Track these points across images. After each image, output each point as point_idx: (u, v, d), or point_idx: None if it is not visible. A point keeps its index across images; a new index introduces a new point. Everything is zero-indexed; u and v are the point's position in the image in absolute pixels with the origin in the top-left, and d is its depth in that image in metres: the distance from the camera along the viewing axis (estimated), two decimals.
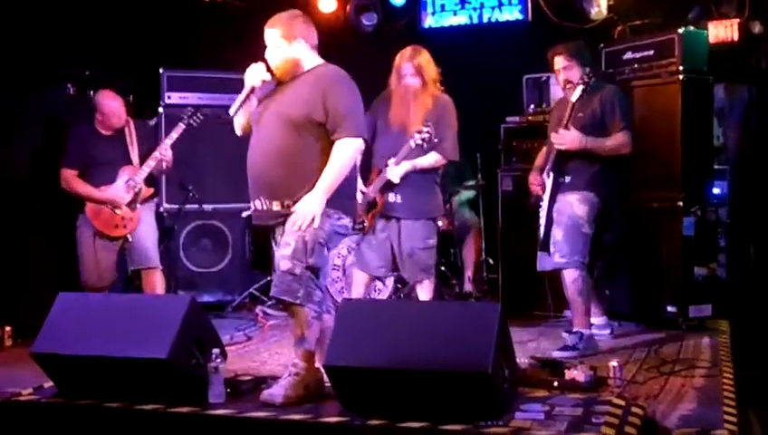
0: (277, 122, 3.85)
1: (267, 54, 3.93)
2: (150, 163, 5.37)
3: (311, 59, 3.96)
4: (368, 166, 5.09)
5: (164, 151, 5.37)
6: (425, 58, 5.03)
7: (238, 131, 4.12)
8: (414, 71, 4.98)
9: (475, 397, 3.31)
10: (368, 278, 5.18)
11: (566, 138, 4.84)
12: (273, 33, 3.91)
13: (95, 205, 5.33)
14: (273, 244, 3.99)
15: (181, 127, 5.43)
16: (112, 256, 5.41)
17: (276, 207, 3.85)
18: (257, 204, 3.93)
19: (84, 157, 5.38)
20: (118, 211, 5.33)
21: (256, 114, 3.97)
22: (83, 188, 5.35)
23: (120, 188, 5.33)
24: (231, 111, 4.02)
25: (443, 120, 4.95)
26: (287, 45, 3.89)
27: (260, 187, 3.91)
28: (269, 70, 3.93)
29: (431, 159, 4.95)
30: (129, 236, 5.38)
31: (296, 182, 3.80)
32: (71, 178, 5.37)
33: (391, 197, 4.95)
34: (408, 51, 5.04)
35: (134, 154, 5.44)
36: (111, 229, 5.34)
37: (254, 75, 3.92)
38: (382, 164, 4.95)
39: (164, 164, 5.41)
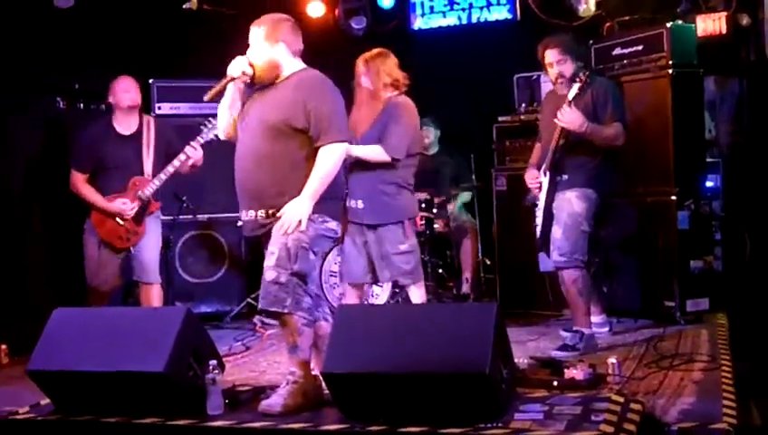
0: (258, 130, 3.84)
1: (249, 52, 3.92)
2: (162, 177, 5.30)
3: (291, 64, 3.93)
4: None
5: (192, 151, 5.24)
6: (380, 61, 4.90)
7: (221, 135, 4.11)
8: (365, 73, 4.89)
9: (474, 399, 3.30)
10: (358, 291, 5.13)
11: (570, 115, 4.77)
12: (257, 32, 3.90)
13: (101, 213, 5.29)
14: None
15: (200, 140, 5.25)
16: (116, 264, 5.39)
17: (262, 215, 3.83)
18: (244, 214, 3.93)
19: (94, 159, 5.31)
20: (122, 223, 5.30)
21: (242, 122, 3.94)
22: (91, 194, 5.29)
23: (127, 201, 5.28)
24: (206, 97, 3.97)
25: (390, 119, 4.83)
26: (269, 46, 3.87)
27: (247, 197, 3.90)
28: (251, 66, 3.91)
29: (370, 150, 4.75)
30: (132, 248, 5.36)
31: (281, 190, 3.78)
32: (79, 182, 5.31)
33: (352, 203, 4.85)
34: (365, 54, 4.96)
35: (148, 160, 5.35)
36: (115, 240, 5.32)
37: (236, 66, 3.88)
38: None
39: (190, 163, 5.30)
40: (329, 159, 3.79)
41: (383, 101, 4.87)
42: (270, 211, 3.81)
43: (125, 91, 5.35)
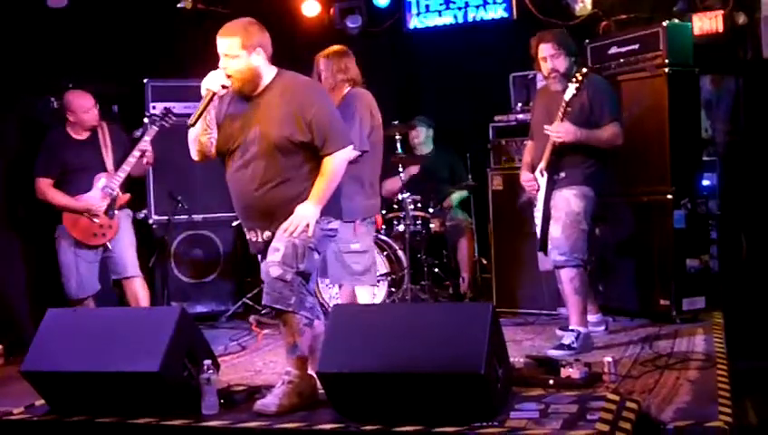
0: (259, 149, 3.74)
1: (223, 64, 3.74)
2: (125, 168, 5.32)
3: (269, 70, 3.82)
4: None
5: (143, 147, 5.29)
6: (338, 58, 4.86)
7: (195, 156, 3.92)
8: (325, 69, 4.84)
9: (469, 398, 3.29)
10: (348, 291, 5.08)
11: (562, 129, 4.79)
12: (232, 43, 3.71)
13: (72, 214, 5.29)
14: (259, 256, 3.96)
15: (154, 129, 5.37)
16: (94, 266, 5.39)
17: (274, 233, 3.79)
18: (253, 235, 3.89)
19: (57, 164, 5.33)
20: (95, 219, 5.30)
21: (229, 140, 3.82)
22: (59, 197, 5.30)
23: (96, 196, 5.30)
24: (190, 121, 3.79)
25: (346, 113, 4.68)
26: (247, 55, 3.72)
27: (254, 218, 3.85)
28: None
29: None
30: (108, 244, 5.35)
31: (291, 207, 3.74)
32: (46, 187, 5.32)
33: None
34: (324, 51, 4.91)
35: (108, 159, 5.38)
36: (90, 238, 5.32)
37: (215, 81, 3.73)
38: None
39: (144, 160, 5.35)
40: (336, 165, 3.78)
41: (341, 96, 4.83)
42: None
43: (86, 111, 5.36)
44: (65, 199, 5.30)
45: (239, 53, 3.72)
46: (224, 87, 3.75)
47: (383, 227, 6.57)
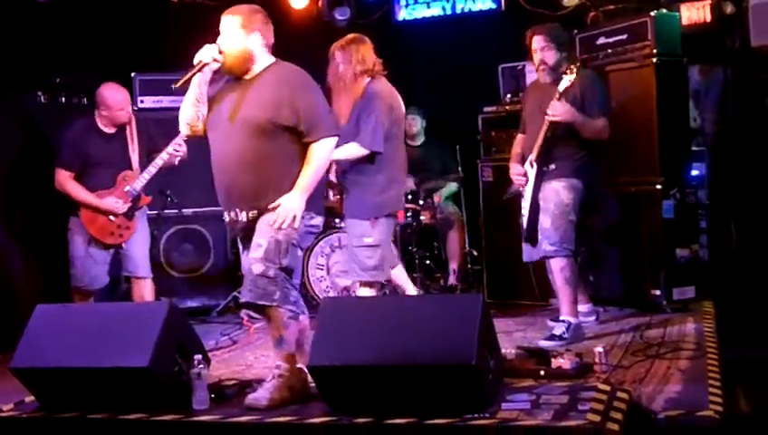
0: (243, 129, 3.76)
1: (221, 41, 3.82)
2: (151, 170, 5.26)
3: (264, 57, 3.87)
4: None
5: (177, 147, 5.22)
6: (355, 47, 4.74)
7: (184, 130, 3.98)
8: (342, 60, 4.73)
9: (461, 390, 3.29)
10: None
11: (561, 108, 4.79)
12: (232, 21, 3.82)
13: (90, 210, 5.21)
14: (241, 247, 3.97)
15: None
16: (105, 262, 5.33)
17: (253, 214, 3.79)
18: (232, 215, 3.88)
19: (80, 157, 5.23)
20: (114, 219, 5.24)
21: (216, 119, 3.85)
22: (80, 192, 5.20)
23: (118, 197, 5.23)
24: (176, 85, 3.84)
25: (364, 110, 4.65)
26: (244, 36, 3.80)
27: (234, 198, 3.84)
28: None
29: (347, 150, 4.59)
30: (123, 244, 5.30)
31: (272, 189, 3.74)
32: (66, 180, 5.21)
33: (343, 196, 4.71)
34: (339, 41, 4.81)
35: (134, 155, 5.30)
36: (107, 236, 5.26)
37: (206, 53, 3.78)
38: None
39: (176, 160, 5.29)
40: (321, 154, 3.78)
41: (361, 89, 4.72)
42: (261, 211, 3.76)
43: (121, 108, 5.27)
44: (85, 195, 5.20)
45: (236, 32, 3.79)
46: (215, 60, 3.78)
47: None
